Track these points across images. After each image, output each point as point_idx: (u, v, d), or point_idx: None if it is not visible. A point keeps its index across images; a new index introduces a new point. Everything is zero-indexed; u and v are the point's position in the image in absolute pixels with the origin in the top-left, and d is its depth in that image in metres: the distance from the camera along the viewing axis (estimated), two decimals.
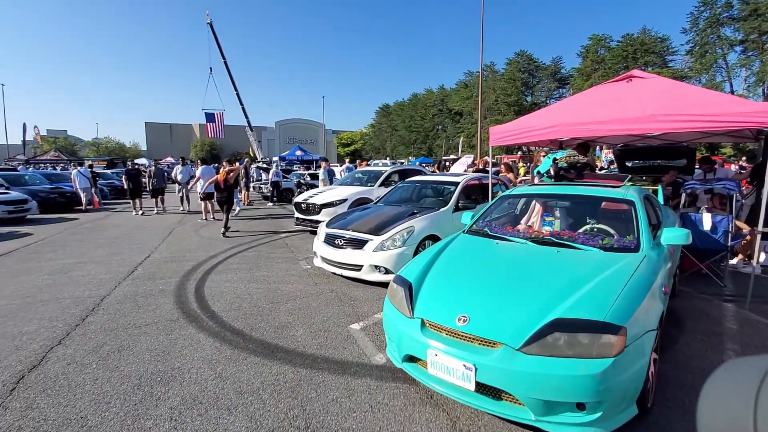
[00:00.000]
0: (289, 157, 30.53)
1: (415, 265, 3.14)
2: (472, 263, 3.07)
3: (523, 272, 2.80)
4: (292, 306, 4.58)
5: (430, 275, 2.92)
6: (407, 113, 68.79)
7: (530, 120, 5.75)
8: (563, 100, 6.14)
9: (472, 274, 2.89)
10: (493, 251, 3.24)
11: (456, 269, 3.00)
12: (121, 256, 7.30)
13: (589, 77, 45.42)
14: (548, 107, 6.08)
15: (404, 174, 10.31)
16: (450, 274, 2.93)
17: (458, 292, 2.67)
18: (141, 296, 5.00)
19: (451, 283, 2.80)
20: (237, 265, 6.49)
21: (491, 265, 2.98)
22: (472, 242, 3.54)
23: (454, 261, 3.15)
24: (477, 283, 2.72)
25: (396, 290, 2.90)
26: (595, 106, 5.38)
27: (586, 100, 5.73)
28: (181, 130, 69.30)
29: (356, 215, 6.11)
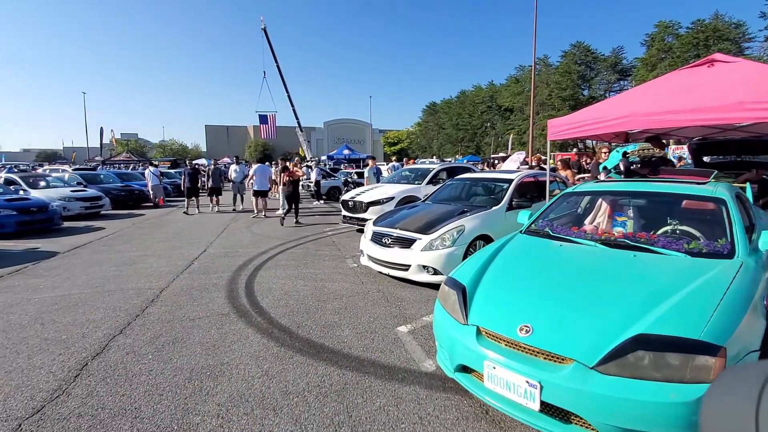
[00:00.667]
0: (336, 156, 31.03)
1: (469, 267, 2.91)
2: (533, 266, 2.80)
3: (595, 278, 2.49)
4: (338, 305, 4.51)
5: (486, 278, 2.68)
6: (455, 111, 67.59)
7: (596, 111, 5.27)
8: (634, 88, 5.59)
9: (533, 278, 2.61)
10: (557, 254, 2.94)
11: (515, 273, 2.74)
12: (180, 250, 7.66)
13: (654, 67, 42.01)
14: (616, 96, 5.56)
15: (452, 172, 10.01)
16: (508, 278, 2.67)
17: (519, 298, 2.42)
18: (196, 289, 5.17)
19: (511, 287, 2.55)
20: (285, 262, 6.57)
21: (556, 270, 2.69)
22: (532, 243, 3.24)
23: (513, 263, 2.89)
24: (540, 289, 2.45)
25: (448, 294, 2.70)
26: (672, 93, 4.81)
27: (662, 88, 5.15)
28: (237, 132, 72.82)
29: (404, 213, 5.95)
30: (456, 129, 66.26)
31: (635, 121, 4.73)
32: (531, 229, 3.56)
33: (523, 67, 58.10)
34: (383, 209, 8.47)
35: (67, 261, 6.94)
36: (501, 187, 6.15)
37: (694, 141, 7.56)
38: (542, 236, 3.34)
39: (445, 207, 5.97)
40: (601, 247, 2.90)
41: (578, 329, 2.05)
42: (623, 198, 3.62)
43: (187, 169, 13.91)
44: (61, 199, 12.30)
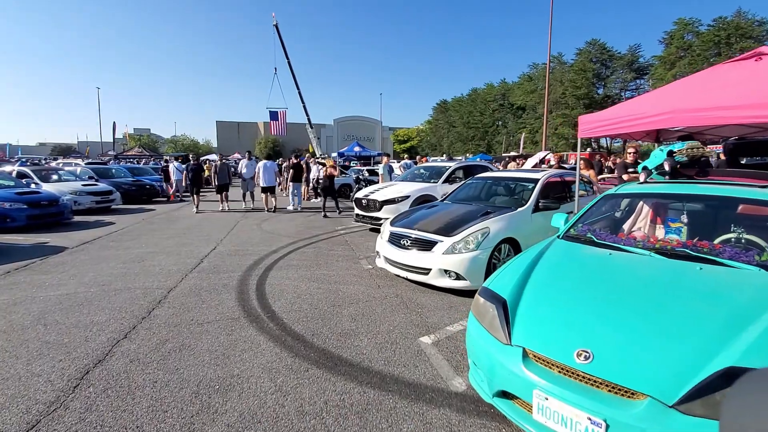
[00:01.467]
0: (347, 153, 30.78)
1: (507, 277, 2.61)
2: (582, 278, 2.48)
3: (660, 294, 2.16)
4: (354, 311, 4.24)
5: (529, 291, 2.38)
6: (466, 109, 66.87)
7: (632, 107, 4.91)
8: (673, 83, 5.20)
9: (586, 293, 2.30)
10: (609, 264, 2.62)
11: (563, 285, 2.43)
12: (190, 247, 7.46)
13: (673, 66, 41.06)
14: (653, 92, 5.19)
15: (469, 170, 9.69)
16: (556, 292, 2.37)
17: (572, 316, 2.11)
18: (205, 290, 4.94)
19: (560, 303, 2.24)
20: (297, 262, 6.32)
21: (611, 283, 2.37)
22: (575, 251, 2.93)
23: (558, 274, 2.58)
24: (596, 306, 2.14)
25: (485, 307, 2.40)
26: (718, 89, 4.43)
27: (706, 82, 4.77)
28: (247, 128, 72.99)
29: (422, 213, 5.65)
30: (467, 127, 65.55)
31: (678, 117, 4.36)
32: (570, 234, 3.24)
33: (537, 65, 57.19)
34: (398, 209, 8.18)
35: (75, 257, 6.78)
36: (526, 187, 5.81)
37: (731, 141, 7.12)
38: (585, 243, 3.02)
39: (465, 207, 5.66)
40: (658, 258, 2.57)
41: (650, 358, 1.74)
42: (676, 201, 3.27)
43: (191, 165, 13.15)
44: (72, 193, 12.24)
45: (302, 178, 13.67)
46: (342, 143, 54.53)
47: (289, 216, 11.65)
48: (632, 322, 1.95)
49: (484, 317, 2.37)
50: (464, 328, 3.73)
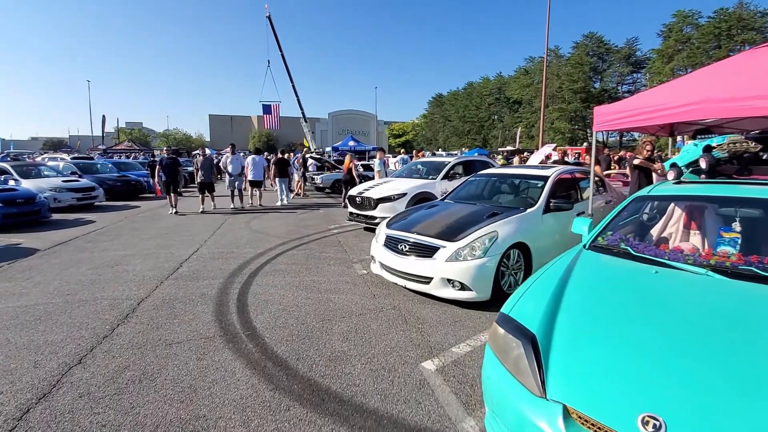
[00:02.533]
0: (342, 148, 30.17)
1: (531, 301, 2.13)
2: (630, 307, 1.99)
3: (735, 332, 1.68)
4: (346, 326, 3.75)
5: (563, 323, 1.90)
6: (461, 103, 66.36)
7: (654, 97, 4.42)
8: (698, 71, 4.72)
9: (638, 328, 1.81)
10: (659, 287, 2.14)
11: (606, 316, 1.94)
12: (170, 249, 6.92)
13: (671, 59, 40.76)
14: (676, 81, 4.71)
15: (469, 166, 9.19)
16: (599, 326, 1.88)
17: (626, 363, 1.62)
18: (180, 301, 4.42)
19: (608, 342, 1.75)
20: (285, 267, 5.81)
21: (668, 314, 1.88)
22: (612, 268, 2.44)
23: (597, 299, 2.09)
24: (656, 349, 1.66)
25: (507, 342, 1.92)
26: (754, 77, 3.95)
27: (736, 70, 4.29)
28: (241, 122, 71.99)
29: (421, 214, 5.16)
30: (462, 121, 65.08)
31: (709, 108, 3.88)
32: (599, 244, 2.76)
33: (533, 59, 56.82)
34: (394, 207, 7.68)
35: (45, 261, 6.23)
36: (534, 185, 5.32)
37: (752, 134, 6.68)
38: (619, 255, 2.54)
39: (469, 207, 5.17)
40: (719, 278, 2.10)
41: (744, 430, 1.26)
42: (725, 206, 2.79)
43: (165, 158, 11.34)
44: (51, 189, 11.63)
45: (287, 173, 13.64)
46: (337, 137, 53.74)
47: (280, 214, 11.11)
48: (709, 376, 1.47)
49: (506, 355, 1.88)
50: (472, 349, 3.26)
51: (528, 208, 4.81)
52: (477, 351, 3.22)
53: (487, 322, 3.79)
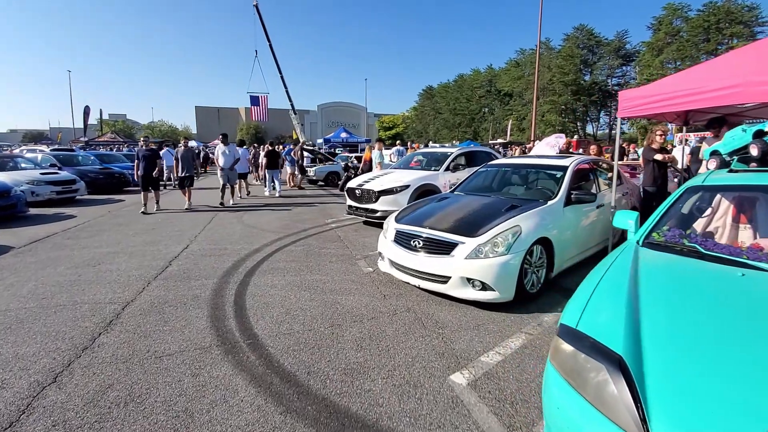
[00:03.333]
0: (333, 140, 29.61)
1: (603, 312, 1.78)
2: (726, 318, 1.65)
3: None
4: (359, 332, 3.37)
5: (651, 341, 1.55)
6: (452, 95, 65.92)
7: (686, 81, 4.09)
8: (734, 51, 4.40)
9: (749, 345, 1.47)
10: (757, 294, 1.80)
11: (702, 331, 1.59)
12: (158, 245, 6.45)
13: (660, 52, 40.84)
14: (708, 62, 4.39)
15: (472, 156, 8.84)
16: (699, 344, 1.53)
17: (745, 390, 1.28)
18: (170, 305, 3.99)
19: (716, 365, 1.41)
20: (284, 264, 5.40)
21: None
22: (689, 270, 2.09)
23: (683, 309, 1.75)
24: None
25: (582, 364, 1.56)
26: None
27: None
28: (228, 114, 70.55)
29: (432, 207, 4.79)
30: (453, 114, 64.69)
31: (749, 92, 3.57)
32: (655, 240, 2.42)
33: (524, 51, 56.54)
34: (396, 200, 7.30)
35: (19, 259, 5.71)
36: (553, 175, 4.98)
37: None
38: (685, 254, 2.21)
39: (483, 199, 4.81)
40: None
41: None
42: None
43: (142, 150, 9.92)
44: (29, 182, 10.96)
45: (278, 164, 13.61)
46: (326, 129, 52.99)
47: (273, 207, 10.65)
48: None
49: (582, 380, 1.53)
50: (503, 358, 2.91)
51: (548, 201, 4.47)
52: (509, 361, 2.88)
53: (513, 326, 3.45)
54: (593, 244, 5.02)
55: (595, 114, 53.69)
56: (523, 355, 2.96)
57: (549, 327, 3.42)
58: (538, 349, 3.04)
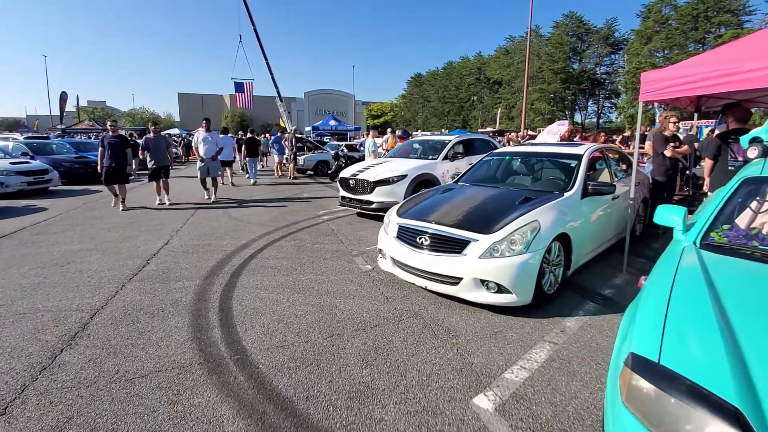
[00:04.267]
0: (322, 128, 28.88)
1: (691, 341, 1.41)
2: None
3: None
4: (362, 344, 2.98)
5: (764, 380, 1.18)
6: (441, 83, 65.26)
7: (717, 61, 3.73)
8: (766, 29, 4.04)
9: None
10: None
11: None
12: (135, 241, 5.93)
13: (650, 40, 40.77)
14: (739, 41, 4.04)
15: (469, 144, 8.44)
16: None
17: None
18: (146, 312, 3.53)
19: None
20: (274, 262, 4.95)
21: None
22: None
23: None
24: None
25: (675, 413, 1.21)
26: None
27: None
28: (212, 101, 68.82)
29: (437, 199, 4.39)
30: (442, 102, 64.14)
31: None
32: (715, 242, 2.07)
33: (513, 38, 56.06)
34: (393, 191, 6.88)
35: None
36: (566, 165, 4.62)
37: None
38: (758, 259, 1.86)
39: (491, 191, 4.43)
40: None
41: None
42: None
43: (107, 137, 8.38)
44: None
45: (258, 152, 13.58)
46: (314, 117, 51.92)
47: (261, 198, 10.12)
48: None
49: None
50: (530, 374, 2.56)
51: (564, 192, 4.11)
52: (538, 378, 2.52)
53: (534, 333, 3.10)
54: (608, 238, 4.70)
55: (584, 103, 53.75)
56: (552, 370, 2.61)
57: (573, 334, 3.08)
58: (567, 362, 2.69)
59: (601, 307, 3.60)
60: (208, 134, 9.52)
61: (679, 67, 4.00)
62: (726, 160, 4.83)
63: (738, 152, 4.75)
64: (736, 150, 4.78)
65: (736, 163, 4.80)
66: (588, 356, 2.77)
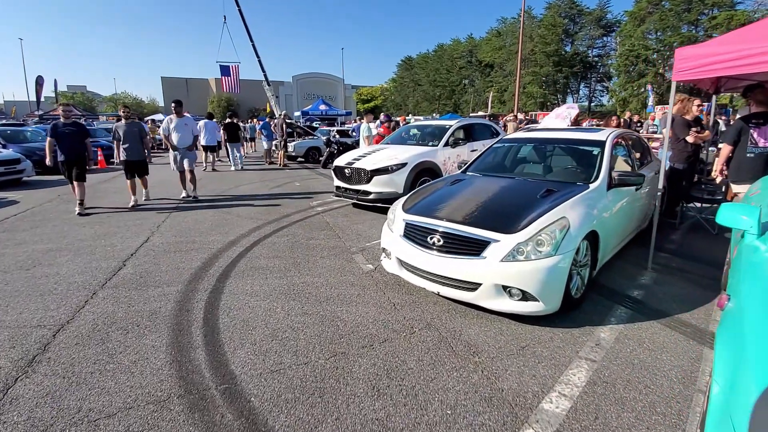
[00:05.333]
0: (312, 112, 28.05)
1: None
2: None
3: None
4: (372, 365, 2.57)
5: None
6: (432, 66, 64.17)
7: (762, 35, 3.31)
8: None
9: None
10: None
11: None
12: (111, 239, 5.41)
13: (642, 22, 40.27)
14: None
15: (470, 130, 7.98)
16: None
17: None
18: (118, 327, 3.07)
19: None
20: (266, 262, 4.50)
21: None
22: None
23: None
24: None
25: None
26: None
27: None
28: (197, 85, 66.88)
29: (445, 192, 3.96)
30: (433, 86, 63.17)
31: None
32: None
33: (505, 20, 55.04)
34: (393, 180, 6.42)
35: None
36: (587, 152, 4.20)
37: None
38: None
39: (506, 182, 4.00)
40: None
41: None
42: None
43: (60, 126, 6.82)
44: None
45: (239, 137, 13.41)
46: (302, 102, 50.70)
47: (250, 188, 9.58)
48: None
49: None
50: (572, 405, 2.18)
51: (588, 183, 3.70)
52: (582, 409, 2.15)
53: (566, 347, 2.72)
54: (630, 231, 4.36)
55: (576, 86, 53.34)
56: (596, 397, 2.23)
57: (611, 348, 2.71)
58: (611, 386, 2.32)
59: (633, 312, 3.24)
60: (181, 120, 7.82)
61: (719, 43, 3.57)
62: (746, 146, 4.46)
63: (759, 138, 4.39)
64: (758, 135, 4.41)
65: (756, 149, 4.44)
66: (633, 377, 2.40)
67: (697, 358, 2.60)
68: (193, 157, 8.08)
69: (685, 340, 2.82)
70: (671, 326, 3.01)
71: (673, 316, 3.16)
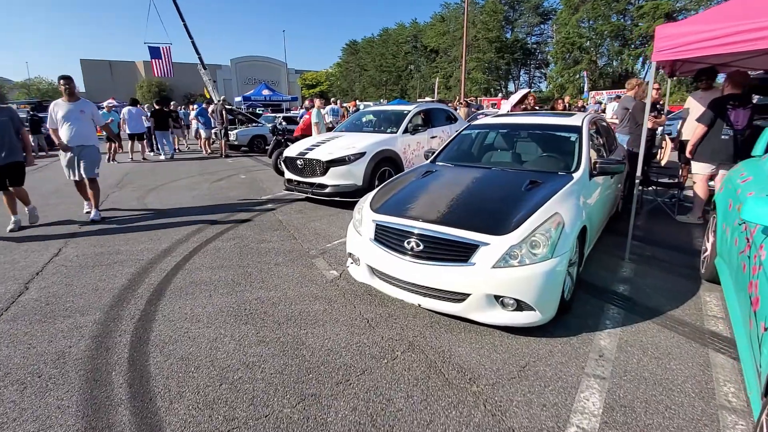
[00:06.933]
0: (254, 98, 26.37)
1: None
2: None
3: None
4: (351, 409, 2.07)
5: None
6: (377, 51, 63.30)
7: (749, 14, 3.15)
8: None
9: None
10: None
11: None
12: (14, 252, 4.42)
13: (577, 10, 42.12)
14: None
15: (429, 115, 7.58)
16: None
17: None
18: (13, 381, 2.32)
19: None
20: (209, 274, 3.81)
21: None
22: None
23: None
24: None
25: None
26: None
27: None
28: (122, 68, 60.82)
29: (417, 186, 3.51)
30: (379, 71, 62.41)
31: None
32: None
33: (449, 5, 55.27)
34: (351, 171, 5.87)
35: None
36: (564, 138, 3.92)
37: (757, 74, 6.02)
38: None
39: (483, 173, 3.62)
40: None
41: None
42: None
43: None
44: None
45: (168, 126, 12.72)
46: (243, 87, 47.75)
47: (187, 181, 8.55)
48: None
49: None
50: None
51: (571, 173, 3.41)
52: None
53: (569, 364, 2.40)
54: (605, 221, 4.19)
55: (516, 72, 55.09)
56: (619, 427, 1.91)
57: (616, 359, 2.43)
58: (631, 410, 2.02)
59: (626, 312, 3.01)
60: (75, 105, 5.40)
61: (703, 21, 3.37)
62: (721, 128, 4.47)
63: (736, 120, 4.39)
64: (734, 117, 4.42)
65: (730, 131, 4.46)
66: (650, 396, 2.12)
67: (705, 364, 2.39)
68: (95, 158, 5.59)
69: (687, 342, 2.62)
70: (668, 326, 2.81)
71: (666, 314, 2.98)
